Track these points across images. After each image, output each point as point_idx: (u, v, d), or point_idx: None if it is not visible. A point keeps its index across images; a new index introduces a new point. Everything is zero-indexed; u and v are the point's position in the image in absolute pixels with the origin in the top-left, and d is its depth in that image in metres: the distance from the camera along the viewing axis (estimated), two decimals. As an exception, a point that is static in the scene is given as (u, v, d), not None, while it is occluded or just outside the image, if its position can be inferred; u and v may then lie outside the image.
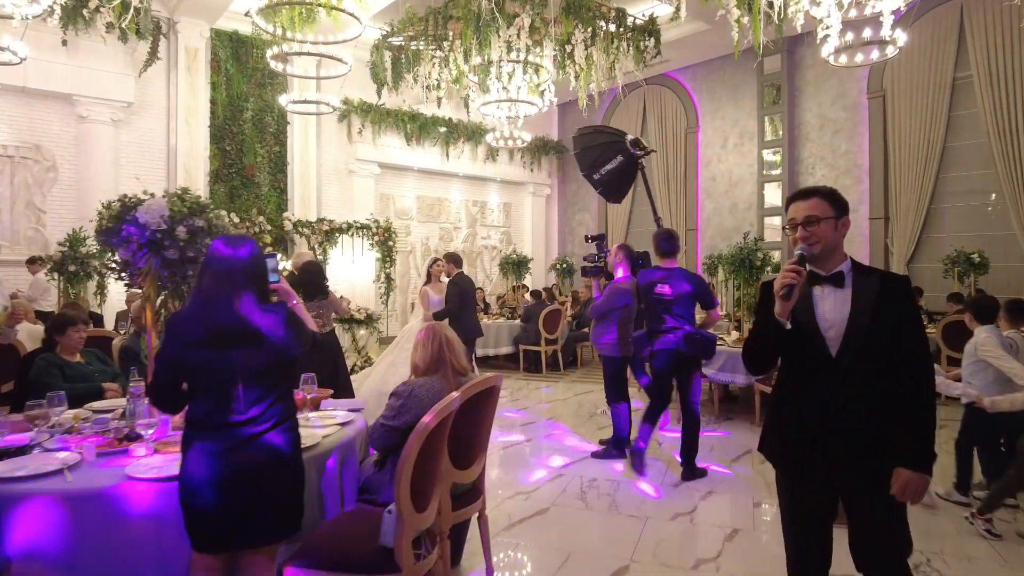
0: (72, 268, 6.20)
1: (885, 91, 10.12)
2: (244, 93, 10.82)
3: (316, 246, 10.90)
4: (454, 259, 6.66)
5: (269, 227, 10.47)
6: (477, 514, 2.98)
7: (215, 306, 2.05)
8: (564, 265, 13.97)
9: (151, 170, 10.08)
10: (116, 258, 3.13)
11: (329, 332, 5.35)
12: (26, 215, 9.09)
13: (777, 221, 11.47)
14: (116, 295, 8.15)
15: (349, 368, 8.85)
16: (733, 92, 12.27)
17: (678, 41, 11.20)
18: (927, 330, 7.11)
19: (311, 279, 5.33)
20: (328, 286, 5.45)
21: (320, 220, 11.04)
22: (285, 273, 9.16)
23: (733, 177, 12.38)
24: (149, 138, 10.09)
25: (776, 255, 11.03)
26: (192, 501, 1.99)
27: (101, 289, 7.48)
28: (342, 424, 2.92)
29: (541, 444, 5.52)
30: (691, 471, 4.63)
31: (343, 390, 4.86)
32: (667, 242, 4.65)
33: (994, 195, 9.16)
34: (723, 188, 12.55)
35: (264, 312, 2.11)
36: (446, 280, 6.57)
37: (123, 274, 3.14)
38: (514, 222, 14.74)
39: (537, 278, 14.28)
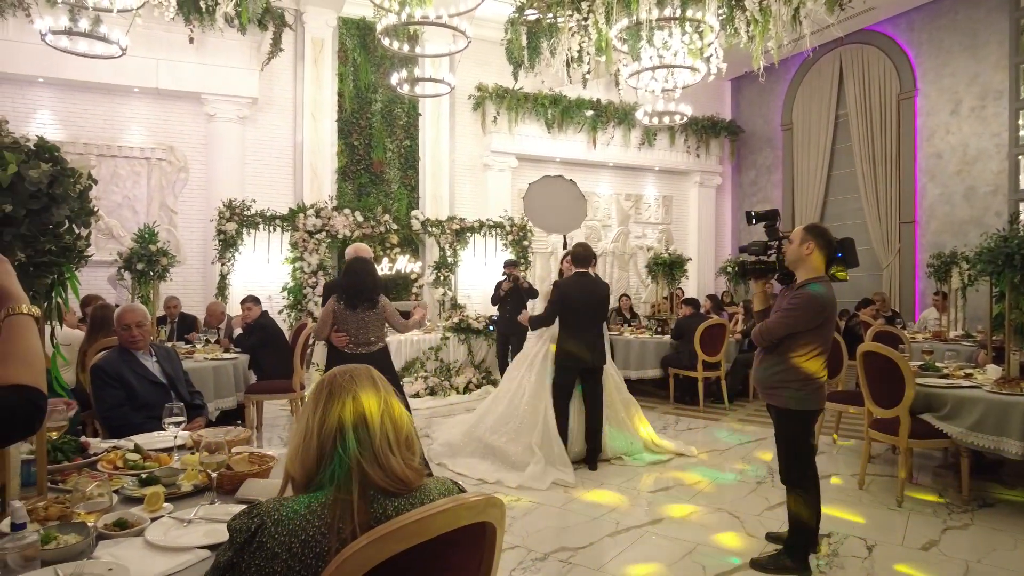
0: (140, 266, 5.55)
1: None
2: (372, 84, 10.09)
3: (446, 247, 9.86)
4: (576, 256, 4.98)
5: (396, 227, 9.60)
6: None
7: None
8: (735, 268, 11.67)
9: (277, 168, 9.66)
10: None
11: (376, 352, 4.04)
12: (160, 216, 9.00)
13: (1040, 207, 8.37)
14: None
15: (463, 386, 7.60)
16: (970, 39, 9.27)
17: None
18: None
19: (348, 280, 4.06)
20: (378, 292, 4.14)
21: (450, 219, 9.99)
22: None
23: (969, 152, 9.38)
24: (275, 135, 9.68)
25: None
26: None
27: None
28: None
29: (674, 534, 3.71)
30: None
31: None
32: None
33: None
34: (954, 167, 9.57)
35: None
36: None
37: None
38: (675, 218, 12.68)
39: (703, 283, 12.12)
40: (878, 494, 4.30)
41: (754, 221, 3.41)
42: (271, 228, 8.84)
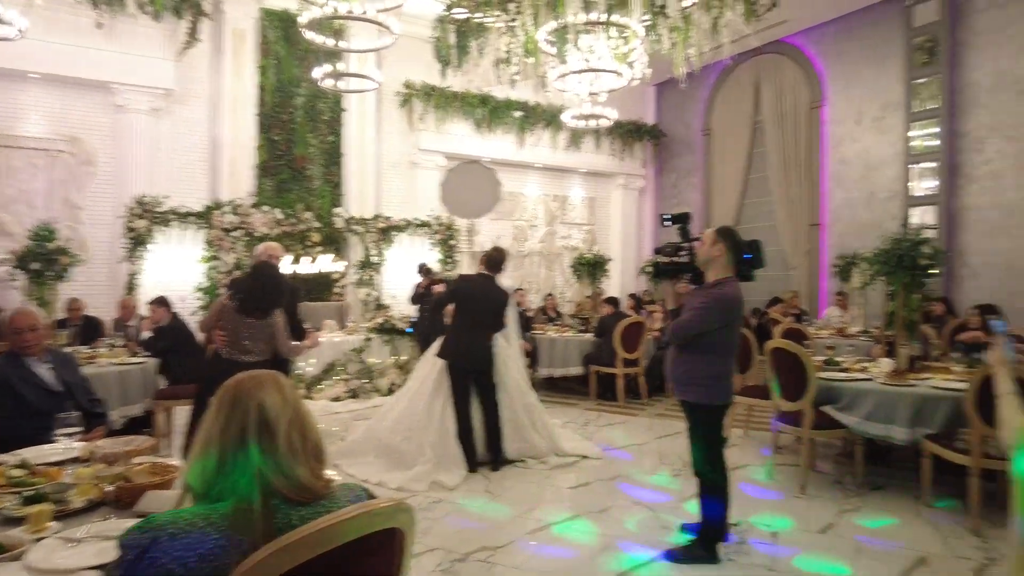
0: (35, 266, 5.19)
1: (1096, 33, 7.52)
2: (295, 78, 9.81)
3: (371, 246, 9.71)
4: (489, 258, 4.99)
5: (318, 224, 9.37)
6: None
7: None
8: (652, 268, 12.00)
9: (192, 163, 9.25)
10: None
11: (253, 364, 3.75)
12: (63, 212, 8.44)
13: (930, 212, 9.02)
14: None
15: (387, 389, 7.51)
16: (872, 54, 9.89)
17: (799, -7, 9.06)
18: None
19: (250, 283, 3.93)
20: (276, 305, 3.95)
21: (375, 217, 9.84)
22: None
23: (871, 160, 10.00)
24: (192, 129, 9.26)
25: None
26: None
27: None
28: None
29: (595, 527, 3.80)
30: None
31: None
32: None
33: None
34: (857, 173, 10.19)
35: None
36: None
37: None
38: (600, 219, 12.94)
39: (626, 283, 12.42)
40: (784, 482, 4.55)
41: (666, 223, 3.54)
42: (185, 226, 8.45)
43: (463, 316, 4.90)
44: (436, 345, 5.10)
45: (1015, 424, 1.50)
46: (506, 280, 5.34)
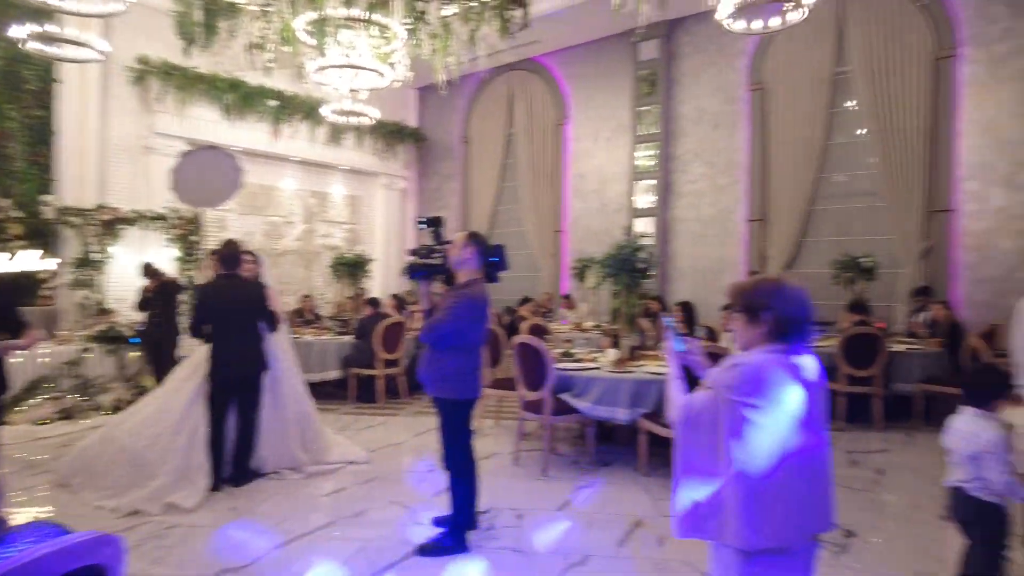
0: None
1: (765, 84, 9.37)
2: (-12, 35, 8.10)
3: (92, 240, 8.41)
4: (223, 257, 4.63)
5: (20, 214, 7.87)
6: None
7: None
8: (409, 268, 12.15)
9: None
10: None
11: None
12: None
13: (650, 223, 10.47)
14: None
15: (111, 406, 6.58)
16: (607, 81, 11.16)
17: (548, 18, 9.87)
18: (821, 342, 6.20)
19: None
20: None
21: (99, 207, 8.56)
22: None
23: (604, 174, 11.28)
24: None
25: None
26: None
27: None
28: None
29: (347, 534, 3.74)
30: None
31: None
32: None
33: (873, 196, 8.59)
34: (593, 186, 11.42)
35: None
36: None
37: None
38: (362, 218, 12.76)
39: (389, 283, 12.43)
40: (529, 467, 4.94)
41: (422, 226, 3.64)
42: None
43: (221, 328, 4.47)
44: (203, 350, 4.56)
45: (676, 403, 1.86)
46: (268, 279, 5.05)
